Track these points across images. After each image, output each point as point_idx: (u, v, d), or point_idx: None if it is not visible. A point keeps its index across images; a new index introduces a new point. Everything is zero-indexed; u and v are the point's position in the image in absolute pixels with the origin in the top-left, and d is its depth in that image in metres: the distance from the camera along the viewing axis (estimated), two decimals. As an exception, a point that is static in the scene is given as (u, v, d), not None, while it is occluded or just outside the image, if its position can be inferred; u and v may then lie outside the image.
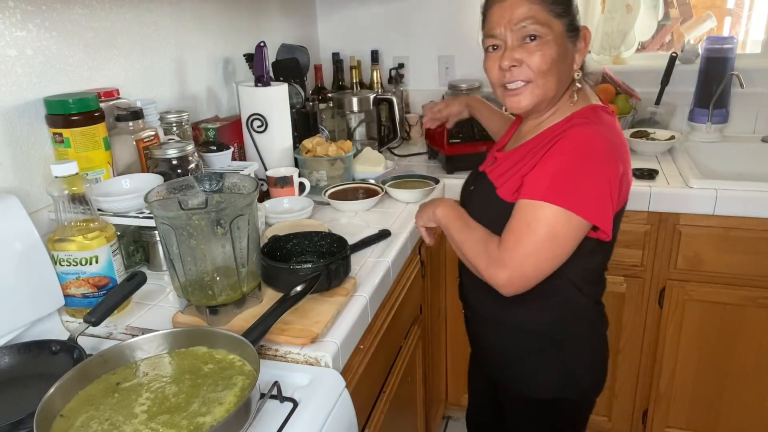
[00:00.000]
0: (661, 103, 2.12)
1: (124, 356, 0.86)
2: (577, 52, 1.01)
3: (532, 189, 0.95)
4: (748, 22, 2.34)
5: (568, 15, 0.97)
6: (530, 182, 0.96)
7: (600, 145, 0.94)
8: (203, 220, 0.93)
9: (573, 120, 1.00)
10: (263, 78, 1.57)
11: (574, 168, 0.93)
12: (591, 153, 0.93)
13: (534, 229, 0.93)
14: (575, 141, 0.94)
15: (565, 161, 0.93)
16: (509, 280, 0.96)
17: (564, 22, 0.97)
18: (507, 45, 0.98)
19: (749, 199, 1.57)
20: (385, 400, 1.25)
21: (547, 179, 0.93)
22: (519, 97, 1.01)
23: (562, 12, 0.97)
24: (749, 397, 1.76)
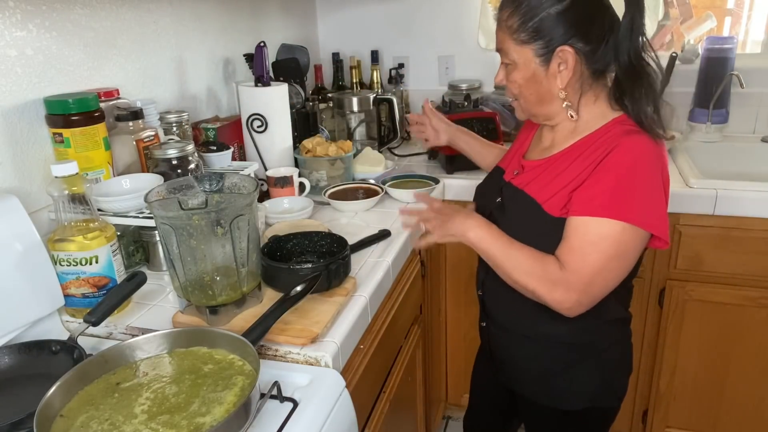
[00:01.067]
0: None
1: (124, 356, 0.86)
2: (557, 73, 0.97)
3: (591, 205, 0.92)
4: (748, 22, 2.34)
5: (537, 40, 0.96)
6: (588, 198, 0.93)
7: (653, 154, 0.94)
8: (203, 220, 0.93)
9: (616, 128, 0.98)
10: (263, 78, 1.57)
11: (634, 180, 0.91)
12: (647, 163, 0.93)
13: (600, 248, 0.91)
14: (632, 152, 0.92)
15: (624, 174, 0.91)
16: (578, 303, 0.94)
17: (532, 47, 0.97)
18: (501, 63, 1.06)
19: (749, 199, 1.57)
20: (385, 400, 1.25)
21: (607, 194, 0.91)
22: (515, 110, 1.10)
23: (528, 38, 0.96)
24: (749, 397, 1.76)
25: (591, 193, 0.93)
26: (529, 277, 0.97)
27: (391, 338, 1.28)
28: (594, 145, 0.98)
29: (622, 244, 0.91)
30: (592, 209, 0.92)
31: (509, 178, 1.12)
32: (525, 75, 1.00)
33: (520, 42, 0.97)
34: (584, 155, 0.98)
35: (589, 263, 0.92)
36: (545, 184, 1.02)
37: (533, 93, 1.01)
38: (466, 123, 1.75)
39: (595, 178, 0.94)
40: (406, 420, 1.52)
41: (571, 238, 0.94)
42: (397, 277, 1.32)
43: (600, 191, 0.92)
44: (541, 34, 0.95)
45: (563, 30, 0.95)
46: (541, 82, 0.99)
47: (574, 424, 1.14)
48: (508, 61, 1.01)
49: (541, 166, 1.06)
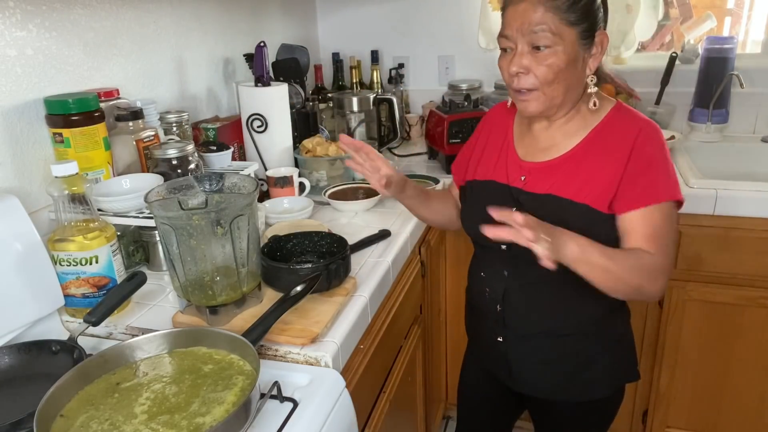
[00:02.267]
0: (661, 103, 2.12)
1: (124, 356, 0.86)
2: (591, 57, 1.00)
3: (648, 195, 0.97)
4: (748, 22, 2.33)
5: (584, 21, 0.95)
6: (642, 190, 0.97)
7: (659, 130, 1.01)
8: (203, 220, 0.93)
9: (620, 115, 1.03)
10: (263, 78, 1.57)
11: (665, 160, 0.99)
12: (662, 141, 1.00)
13: (668, 227, 0.98)
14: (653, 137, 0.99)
15: (659, 158, 0.98)
16: (665, 288, 1.01)
17: (578, 29, 0.95)
18: (517, 49, 0.97)
19: (749, 199, 1.57)
20: (385, 400, 1.25)
21: (658, 181, 0.97)
22: (527, 103, 1.01)
23: (576, 20, 0.94)
24: (749, 397, 1.76)
25: (643, 184, 0.97)
26: (637, 272, 0.95)
27: (391, 338, 1.28)
28: (612, 136, 1.01)
29: (675, 217, 1.00)
30: (650, 198, 0.97)
31: (520, 185, 1.07)
32: (569, 58, 0.96)
33: (569, 22, 0.94)
34: (608, 148, 1.00)
35: (668, 244, 0.98)
36: (576, 181, 1.01)
37: (568, 79, 0.98)
38: (466, 123, 1.76)
39: (637, 169, 0.97)
40: (406, 420, 1.52)
41: (644, 228, 0.97)
42: (397, 277, 1.32)
43: (650, 181, 0.97)
44: (587, 15, 0.95)
45: (602, 13, 0.98)
46: (578, 66, 0.99)
47: (601, 409, 1.18)
48: (547, 43, 0.94)
49: (558, 165, 1.04)
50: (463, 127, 1.77)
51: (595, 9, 0.97)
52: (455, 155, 1.75)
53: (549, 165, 1.05)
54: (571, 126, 1.05)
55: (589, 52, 0.99)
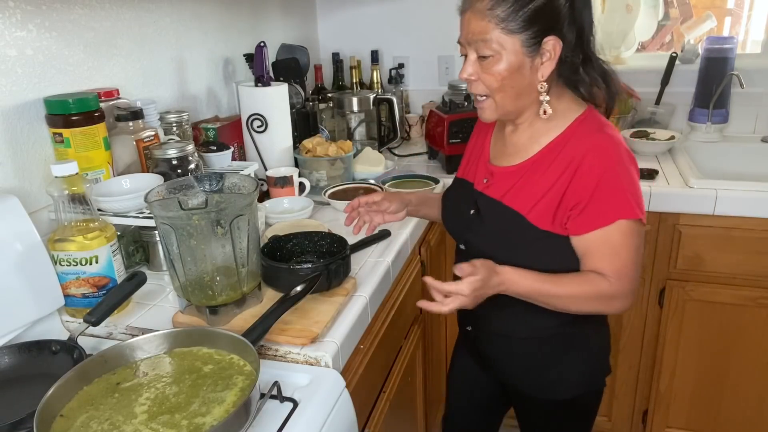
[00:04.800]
0: (661, 103, 2.12)
1: (124, 356, 0.86)
2: (541, 64, 0.96)
3: (600, 218, 0.95)
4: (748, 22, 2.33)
5: (528, 29, 0.93)
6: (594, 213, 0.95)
7: (624, 147, 0.97)
8: (203, 220, 0.93)
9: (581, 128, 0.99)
10: (263, 78, 1.57)
11: (623, 178, 0.95)
12: (624, 157, 0.96)
13: (627, 245, 0.96)
14: (609, 153, 0.95)
15: (612, 176, 0.94)
16: (632, 298, 1.00)
17: (522, 37, 0.93)
18: (468, 57, 0.99)
19: (749, 199, 1.57)
20: (385, 400, 1.25)
21: (612, 199, 0.94)
22: (482, 110, 1.02)
23: (518, 28, 0.93)
24: (749, 397, 1.76)
25: (592, 207, 0.95)
26: (588, 303, 0.99)
27: (391, 338, 1.28)
28: (566, 148, 0.98)
29: (636, 233, 0.97)
30: (599, 221, 0.95)
31: (481, 188, 1.09)
32: (511, 66, 0.95)
33: (508, 31, 0.93)
34: (558, 159, 0.98)
35: (626, 263, 0.96)
36: (524, 193, 1.01)
37: (515, 86, 0.97)
38: (466, 123, 1.76)
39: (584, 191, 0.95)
40: (406, 420, 1.52)
41: (600, 249, 0.96)
42: (397, 277, 1.32)
43: (600, 203, 0.94)
44: (531, 23, 0.93)
45: (552, 20, 0.94)
46: (525, 74, 0.96)
47: (569, 411, 1.16)
48: (490, 52, 0.95)
49: (515, 173, 1.04)
50: (463, 127, 1.77)
51: (545, 15, 0.93)
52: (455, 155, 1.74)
53: (509, 171, 1.05)
54: (536, 131, 1.03)
55: (538, 58, 0.95)
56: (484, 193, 1.07)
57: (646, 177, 1.70)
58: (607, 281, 0.96)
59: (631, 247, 0.96)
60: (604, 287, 0.96)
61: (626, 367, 1.85)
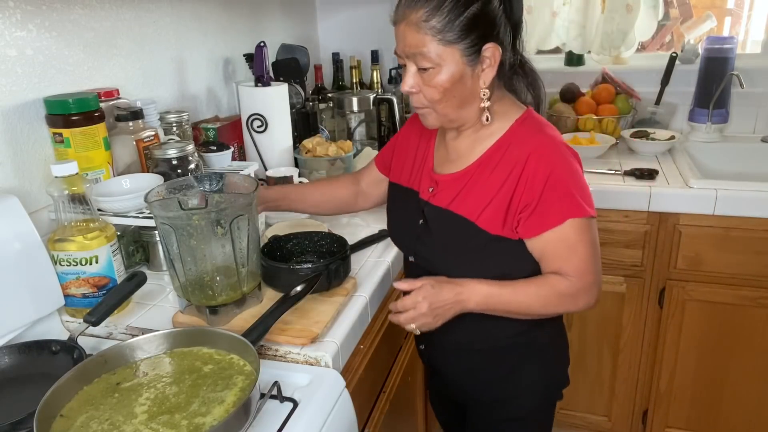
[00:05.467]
0: (661, 103, 2.12)
1: (124, 356, 0.86)
2: (482, 71, 0.94)
3: (551, 217, 0.94)
4: (748, 22, 2.34)
5: (466, 37, 0.90)
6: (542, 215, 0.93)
7: (565, 146, 0.97)
8: (203, 220, 0.93)
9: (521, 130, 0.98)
10: (263, 78, 1.57)
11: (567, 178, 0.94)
12: (567, 156, 0.96)
13: (584, 240, 0.95)
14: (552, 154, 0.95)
15: (558, 177, 0.93)
16: (598, 293, 1.00)
17: (461, 46, 0.91)
18: (407, 68, 0.96)
19: (749, 199, 1.57)
20: (385, 400, 1.25)
21: (560, 200, 0.93)
22: (425, 119, 1.01)
23: (456, 38, 0.90)
24: (749, 397, 1.76)
25: (541, 209, 0.93)
26: (549, 307, 0.99)
27: (391, 338, 1.28)
28: (509, 151, 0.97)
29: (591, 228, 0.97)
30: (550, 222, 0.94)
31: (427, 197, 1.06)
32: (453, 77, 0.92)
33: (446, 42, 0.90)
34: (502, 162, 0.97)
35: (584, 258, 0.96)
36: (471, 198, 0.99)
37: (458, 96, 0.95)
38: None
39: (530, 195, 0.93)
40: (406, 420, 1.52)
41: (556, 250, 0.96)
42: (397, 277, 1.32)
43: (548, 204, 0.93)
44: (470, 30, 0.90)
45: (489, 26, 0.91)
46: (466, 83, 0.94)
47: (524, 425, 1.14)
48: (429, 64, 0.92)
49: (459, 179, 1.01)
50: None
51: (481, 22, 0.90)
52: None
53: (453, 178, 1.02)
54: (479, 136, 1.01)
55: (479, 66, 0.93)
56: (430, 202, 1.05)
57: (646, 177, 1.70)
58: (567, 280, 0.96)
59: (586, 243, 0.95)
60: (564, 286, 0.96)
61: (626, 367, 1.85)
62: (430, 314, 0.97)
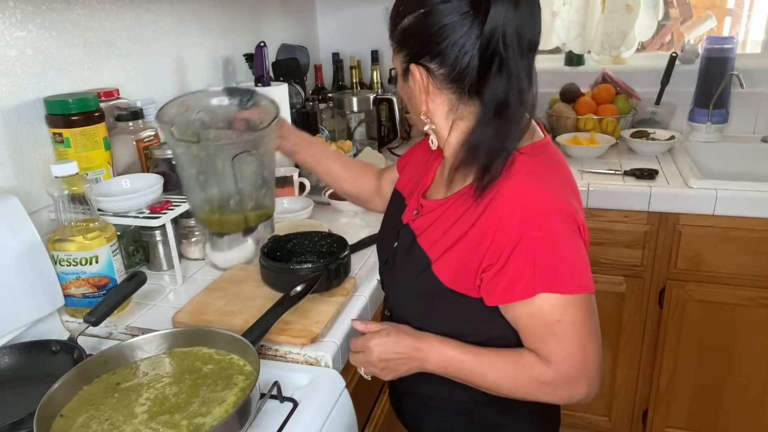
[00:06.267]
0: (661, 103, 2.12)
1: (124, 356, 0.86)
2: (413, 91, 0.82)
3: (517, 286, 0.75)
4: (748, 22, 2.34)
5: (400, 51, 0.82)
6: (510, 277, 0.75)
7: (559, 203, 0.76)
8: (202, 151, 0.91)
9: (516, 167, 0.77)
10: (263, 78, 1.57)
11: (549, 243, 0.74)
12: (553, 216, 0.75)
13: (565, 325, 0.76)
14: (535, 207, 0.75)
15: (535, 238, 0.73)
16: (590, 385, 0.78)
17: (398, 58, 0.83)
18: None
19: (749, 199, 1.57)
20: (385, 400, 1.25)
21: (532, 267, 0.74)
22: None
23: (395, 48, 0.83)
24: (749, 397, 1.76)
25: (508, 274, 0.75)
26: (521, 390, 0.80)
27: (391, 338, 1.28)
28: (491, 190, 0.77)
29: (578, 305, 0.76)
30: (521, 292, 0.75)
31: (407, 220, 0.92)
32: (400, 87, 0.87)
33: (394, 48, 0.84)
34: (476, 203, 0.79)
35: (565, 343, 0.76)
36: (437, 236, 0.83)
37: (410, 107, 0.88)
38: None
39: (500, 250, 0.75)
40: (406, 420, 1.51)
41: (529, 325, 0.77)
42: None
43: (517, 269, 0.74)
44: (401, 45, 0.82)
45: (414, 45, 0.79)
46: (410, 98, 0.86)
47: None
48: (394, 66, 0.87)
49: (437, 209, 0.86)
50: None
51: (405, 39, 0.80)
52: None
53: (433, 206, 0.87)
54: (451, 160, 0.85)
55: (407, 82, 0.83)
56: (409, 225, 0.90)
57: (646, 177, 1.70)
58: (546, 364, 0.77)
59: (571, 324, 0.75)
60: (539, 371, 0.77)
61: (626, 367, 1.85)
62: (377, 365, 0.85)
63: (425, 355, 0.83)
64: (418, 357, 0.83)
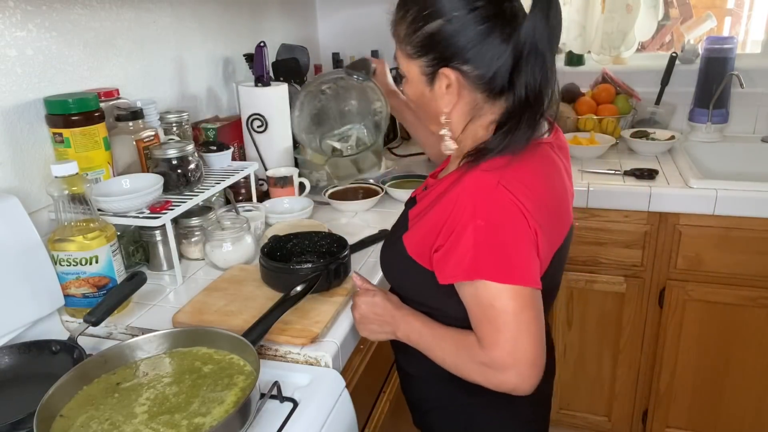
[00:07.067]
0: (661, 103, 2.12)
1: (124, 356, 0.86)
2: (442, 95, 0.83)
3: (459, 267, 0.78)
4: (748, 22, 2.34)
5: (424, 55, 0.82)
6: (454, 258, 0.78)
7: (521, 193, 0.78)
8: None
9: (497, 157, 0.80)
10: (263, 78, 1.57)
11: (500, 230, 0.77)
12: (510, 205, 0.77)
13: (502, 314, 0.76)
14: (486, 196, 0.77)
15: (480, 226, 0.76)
16: (519, 377, 0.77)
17: (418, 63, 0.83)
18: None
19: (749, 199, 1.57)
20: (385, 400, 1.25)
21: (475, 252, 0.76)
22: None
23: (414, 52, 0.83)
24: (749, 397, 1.76)
25: (453, 254, 0.78)
26: (461, 369, 0.84)
27: (391, 338, 1.28)
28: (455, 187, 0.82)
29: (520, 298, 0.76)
30: (461, 273, 0.78)
31: (416, 193, 0.99)
32: (415, 90, 0.88)
33: (407, 54, 0.85)
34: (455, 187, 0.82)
35: (501, 330, 0.77)
36: (419, 210, 0.89)
37: (426, 111, 0.89)
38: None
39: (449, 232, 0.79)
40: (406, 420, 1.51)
41: (471, 307, 0.80)
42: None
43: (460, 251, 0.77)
44: (425, 49, 0.82)
45: (446, 49, 0.80)
46: (429, 102, 0.86)
47: None
48: (403, 73, 0.88)
49: (432, 187, 0.90)
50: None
51: (434, 44, 0.80)
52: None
53: (435, 185, 0.90)
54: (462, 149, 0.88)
55: (433, 87, 0.84)
56: (415, 198, 0.97)
57: (646, 177, 1.70)
58: (480, 347, 0.79)
59: (506, 312, 0.76)
60: (475, 353, 0.80)
61: (626, 367, 1.85)
62: (358, 319, 0.95)
63: (397, 323, 0.91)
64: (392, 323, 0.92)
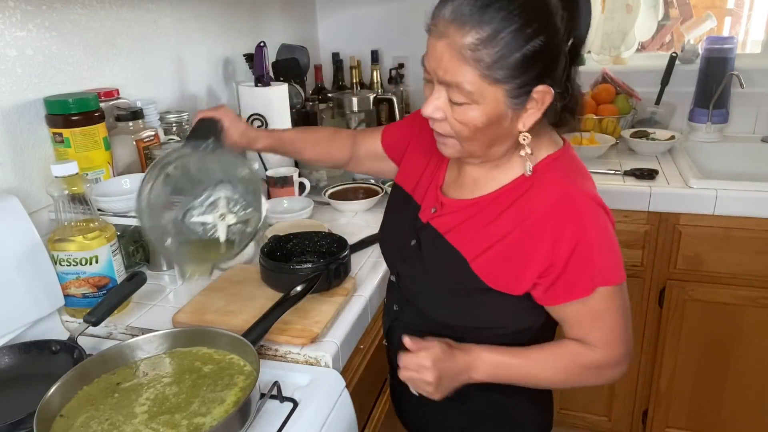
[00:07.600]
0: (661, 103, 2.12)
1: (124, 356, 0.86)
2: (524, 114, 0.80)
3: (578, 287, 0.81)
4: (748, 22, 2.34)
5: (516, 78, 0.75)
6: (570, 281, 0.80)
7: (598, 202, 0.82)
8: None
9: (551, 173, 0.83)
10: (263, 78, 1.57)
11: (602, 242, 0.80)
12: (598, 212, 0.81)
13: (611, 311, 0.83)
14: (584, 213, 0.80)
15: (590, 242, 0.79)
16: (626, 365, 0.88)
17: (506, 87, 0.76)
18: (435, 89, 0.82)
19: (749, 199, 1.57)
20: (385, 400, 1.25)
21: (590, 268, 0.80)
22: (444, 146, 0.86)
23: (504, 77, 0.75)
24: (749, 397, 1.76)
25: (567, 276, 0.80)
26: (571, 381, 0.88)
27: (391, 338, 1.28)
28: (527, 194, 0.82)
29: (620, 294, 0.84)
30: (580, 291, 0.81)
31: (427, 218, 0.92)
32: (489, 118, 0.78)
33: (492, 80, 0.75)
34: (516, 206, 0.83)
35: (613, 327, 0.84)
36: (472, 235, 0.86)
37: (489, 136, 0.81)
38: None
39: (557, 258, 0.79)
40: (406, 420, 1.51)
41: (580, 318, 0.84)
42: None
43: (576, 271, 0.80)
44: (522, 71, 0.75)
45: (549, 64, 0.77)
46: (503, 124, 0.80)
47: None
48: (462, 100, 0.77)
49: (467, 208, 0.88)
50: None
51: (543, 59, 0.75)
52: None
53: (462, 205, 0.88)
54: (499, 165, 0.87)
55: (522, 108, 0.79)
56: (430, 223, 0.91)
57: (646, 177, 1.70)
58: (592, 350, 0.84)
59: (616, 310, 0.83)
60: (588, 358, 0.85)
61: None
62: (434, 384, 0.82)
63: (474, 367, 0.85)
64: (469, 369, 0.85)
